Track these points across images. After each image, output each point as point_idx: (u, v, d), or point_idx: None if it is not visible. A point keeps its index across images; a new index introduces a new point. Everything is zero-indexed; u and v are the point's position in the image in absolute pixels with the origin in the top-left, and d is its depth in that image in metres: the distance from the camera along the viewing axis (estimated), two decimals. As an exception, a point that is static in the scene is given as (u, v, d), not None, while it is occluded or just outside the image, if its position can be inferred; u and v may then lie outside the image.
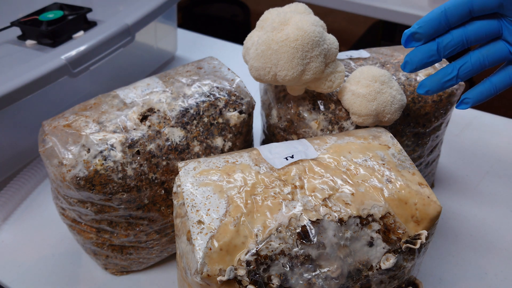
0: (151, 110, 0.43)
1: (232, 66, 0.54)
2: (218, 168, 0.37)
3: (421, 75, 0.47)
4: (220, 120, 0.44)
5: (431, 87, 0.38)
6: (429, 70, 0.48)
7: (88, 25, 0.62)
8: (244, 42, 0.44)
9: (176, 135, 0.43)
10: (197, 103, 0.44)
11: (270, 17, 0.42)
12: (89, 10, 0.63)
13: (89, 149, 0.40)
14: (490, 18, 0.36)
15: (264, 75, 0.41)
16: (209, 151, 0.44)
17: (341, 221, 0.33)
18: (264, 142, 0.54)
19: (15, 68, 0.53)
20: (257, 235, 0.32)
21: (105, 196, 0.41)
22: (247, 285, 0.31)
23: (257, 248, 0.32)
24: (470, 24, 0.36)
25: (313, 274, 0.32)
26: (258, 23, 0.43)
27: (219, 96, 0.45)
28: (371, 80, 0.41)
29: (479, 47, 0.37)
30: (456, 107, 0.40)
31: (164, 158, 0.42)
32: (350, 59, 0.49)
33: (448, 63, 0.48)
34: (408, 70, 0.38)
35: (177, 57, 0.90)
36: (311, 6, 0.46)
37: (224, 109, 0.45)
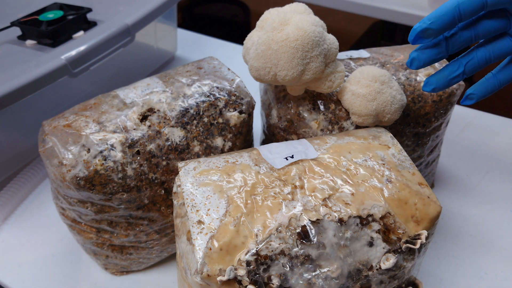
0: (151, 110, 0.43)
1: (232, 66, 0.54)
2: (218, 168, 0.37)
3: (421, 75, 0.47)
4: (220, 120, 0.44)
5: (437, 85, 0.37)
6: (429, 70, 0.48)
7: (88, 25, 0.62)
8: (244, 42, 0.44)
9: (176, 135, 0.43)
10: (197, 103, 0.44)
11: (270, 17, 0.42)
12: (89, 10, 0.63)
13: (89, 149, 0.40)
14: (498, 13, 0.35)
15: (264, 75, 0.41)
16: (209, 151, 0.44)
17: (341, 221, 0.33)
18: (264, 142, 0.54)
19: (15, 68, 0.53)
20: (257, 235, 0.32)
21: (105, 196, 0.41)
22: (247, 285, 0.31)
23: (257, 248, 0.32)
24: (479, 20, 0.35)
25: (313, 274, 0.32)
26: (258, 23, 0.43)
27: (219, 96, 0.45)
28: (371, 80, 0.41)
29: (484, 43, 0.37)
30: (461, 103, 0.39)
31: (164, 158, 0.42)
32: (350, 59, 0.49)
33: (447, 62, 0.48)
34: (415, 67, 0.37)
35: (177, 57, 0.90)
36: (311, 6, 0.46)
37: (224, 109, 0.45)
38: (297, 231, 0.32)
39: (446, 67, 0.38)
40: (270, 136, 0.51)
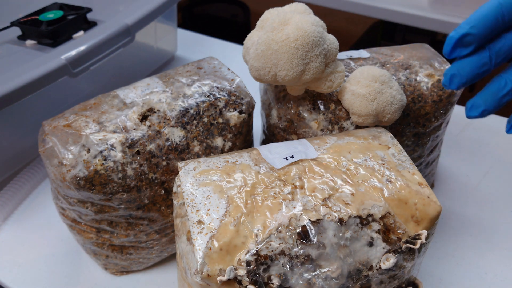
0: (151, 110, 0.43)
1: (232, 66, 0.54)
2: (218, 168, 0.37)
3: (421, 75, 0.47)
4: (220, 120, 0.44)
5: (487, 106, 0.31)
6: (430, 70, 0.48)
7: (88, 25, 0.62)
8: (244, 42, 0.44)
9: (176, 135, 0.43)
10: (197, 103, 0.44)
11: (270, 17, 0.42)
12: (89, 10, 0.63)
13: (89, 149, 0.40)
14: None
15: (264, 75, 0.41)
16: (209, 151, 0.44)
17: (341, 221, 0.33)
18: (264, 142, 0.54)
19: (15, 68, 0.53)
20: (257, 235, 0.32)
21: (105, 196, 0.41)
22: (247, 285, 0.31)
23: (257, 248, 0.32)
24: None
25: (313, 274, 0.32)
26: (258, 23, 0.43)
27: (219, 96, 0.45)
28: (371, 80, 0.41)
29: None
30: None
31: (164, 158, 0.42)
32: (350, 59, 0.49)
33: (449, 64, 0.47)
34: (456, 85, 0.31)
35: (177, 57, 0.90)
36: (311, 6, 0.46)
37: (224, 109, 0.45)
38: (297, 231, 0.32)
39: (490, 85, 0.32)
40: (270, 136, 0.51)
